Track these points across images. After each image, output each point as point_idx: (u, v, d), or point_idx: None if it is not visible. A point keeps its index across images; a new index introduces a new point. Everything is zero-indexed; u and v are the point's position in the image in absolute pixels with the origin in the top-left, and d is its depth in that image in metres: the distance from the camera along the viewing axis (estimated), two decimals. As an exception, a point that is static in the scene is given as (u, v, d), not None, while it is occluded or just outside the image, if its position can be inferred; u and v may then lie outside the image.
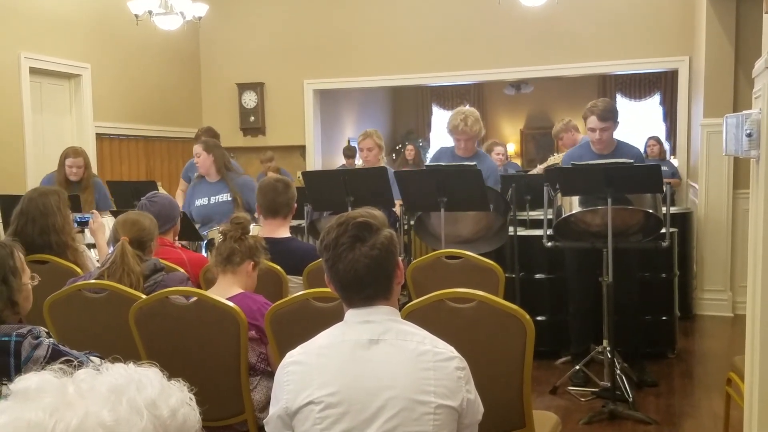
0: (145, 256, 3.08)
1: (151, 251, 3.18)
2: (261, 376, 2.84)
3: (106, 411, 0.90)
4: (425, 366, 1.76)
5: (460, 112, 4.92)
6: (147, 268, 3.01)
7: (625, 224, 4.26)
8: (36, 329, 2.02)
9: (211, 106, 9.13)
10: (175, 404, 0.97)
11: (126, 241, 3.00)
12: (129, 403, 0.93)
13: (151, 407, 0.94)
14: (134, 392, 0.94)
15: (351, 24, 8.54)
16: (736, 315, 6.23)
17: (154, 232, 3.23)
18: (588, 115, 4.52)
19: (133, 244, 3.03)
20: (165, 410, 0.95)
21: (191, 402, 1.01)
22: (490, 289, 3.15)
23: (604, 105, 4.53)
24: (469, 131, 4.82)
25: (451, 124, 4.90)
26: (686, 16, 7.34)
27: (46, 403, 0.90)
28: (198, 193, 5.19)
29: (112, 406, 0.91)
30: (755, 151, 2.56)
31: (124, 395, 0.93)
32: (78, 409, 0.90)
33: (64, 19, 6.88)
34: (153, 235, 3.20)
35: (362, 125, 11.62)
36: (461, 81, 10.00)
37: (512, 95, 13.51)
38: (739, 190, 6.21)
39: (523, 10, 6.96)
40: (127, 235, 3.04)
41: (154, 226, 3.23)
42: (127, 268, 2.94)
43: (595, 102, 4.62)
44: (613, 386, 4.12)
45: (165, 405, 0.96)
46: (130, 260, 2.96)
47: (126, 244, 2.99)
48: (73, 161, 5.53)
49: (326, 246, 1.85)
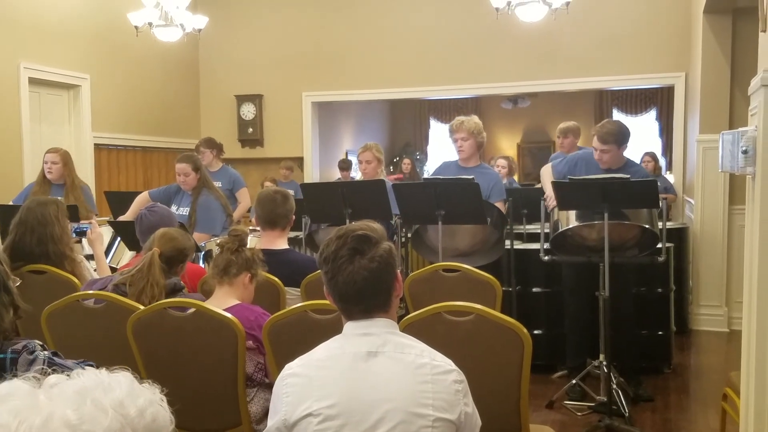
0: (170, 275, 3.09)
1: (178, 273, 3.18)
2: (258, 387, 2.84)
3: (70, 410, 0.92)
4: (423, 379, 1.76)
5: (459, 117, 4.99)
6: (167, 287, 3.02)
7: (621, 239, 4.28)
8: (31, 343, 2.00)
9: (210, 117, 9.16)
10: (143, 404, 0.98)
11: (157, 253, 3.01)
12: (93, 403, 0.94)
13: (118, 407, 0.95)
14: (100, 393, 0.96)
15: (349, 37, 8.58)
16: (731, 330, 6.24)
17: (190, 255, 3.24)
18: (593, 134, 4.58)
19: (163, 258, 3.04)
20: (132, 409, 0.97)
21: (162, 402, 1.03)
22: (488, 302, 3.15)
23: (608, 128, 4.52)
24: (464, 128, 4.84)
25: (450, 126, 4.97)
26: (682, 33, 7.39)
27: (12, 406, 0.92)
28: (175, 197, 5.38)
29: (76, 405, 0.93)
30: (751, 168, 2.58)
31: (89, 396, 0.95)
32: (43, 410, 0.92)
33: (64, 29, 6.90)
34: (186, 258, 3.21)
35: (360, 138, 11.65)
36: (459, 95, 10.05)
37: (509, 109, 13.56)
38: (735, 206, 6.24)
39: (521, 25, 7.00)
40: (160, 248, 3.05)
41: (191, 250, 3.24)
42: (153, 279, 2.95)
43: (604, 123, 4.67)
44: (610, 401, 4.12)
45: (132, 404, 0.97)
46: (157, 272, 2.97)
47: (156, 255, 3.01)
48: (49, 156, 5.50)
49: (325, 258, 1.85)
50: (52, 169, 5.49)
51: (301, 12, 8.74)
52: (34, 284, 3.61)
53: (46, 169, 5.49)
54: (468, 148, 4.89)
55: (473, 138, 4.86)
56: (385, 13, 8.48)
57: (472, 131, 4.85)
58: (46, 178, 5.50)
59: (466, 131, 4.84)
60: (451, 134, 4.94)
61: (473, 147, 4.90)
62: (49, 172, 5.49)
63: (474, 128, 4.85)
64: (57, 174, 5.49)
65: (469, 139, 4.86)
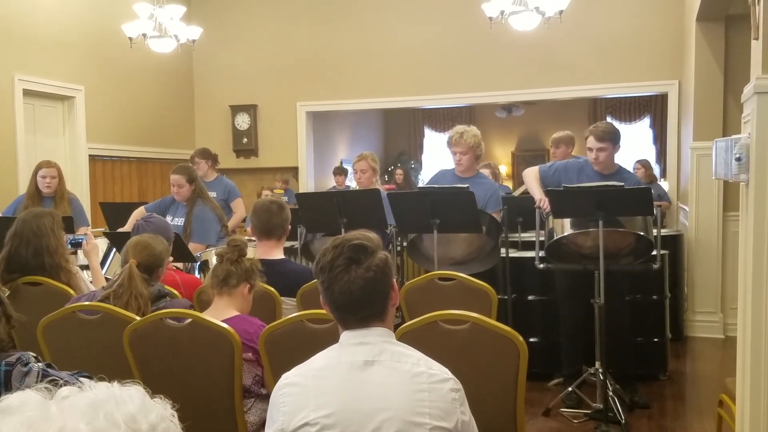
0: (152, 281, 3.08)
1: (159, 277, 3.17)
2: (255, 398, 2.84)
3: (83, 424, 0.92)
4: (420, 388, 1.76)
5: (458, 128, 4.99)
6: (152, 295, 3.01)
7: (616, 246, 4.29)
8: (25, 356, 2.00)
9: (205, 127, 9.17)
10: (155, 419, 0.98)
11: (134, 264, 3.01)
12: (106, 417, 0.94)
13: (130, 421, 0.95)
14: (113, 407, 0.96)
15: (344, 47, 8.61)
16: (726, 337, 6.25)
17: (166, 258, 3.22)
18: (587, 135, 4.60)
19: (141, 268, 3.03)
20: (144, 425, 0.96)
21: (173, 418, 1.02)
22: (483, 310, 3.16)
23: (603, 127, 4.61)
24: (464, 143, 4.86)
25: (449, 139, 4.97)
26: (676, 41, 7.43)
27: (25, 417, 0.92)
28: (170, 208, 5.38)
29: (89, 419, 0.93)
30: (745, 175, 2.59)
31: (101, 409, 0.95)
32: (55, 423, 0.91)
33: (58, 41, 6.91)
34: (163, 261, 3.19)
35: (355, 147, 11.68)
36: (453, 104, 10.07)
37: (504, 118, 13.60)
38: (729, 213, 6.25)
39: (515, 34, 7.03)
40: (136, 259, 3.04)
41: (165, 252, 3.22)
42: (135, 291, 2.94)
43: (597, 124, 4.72)
44: (606, 408, 4.12)
45: (144, 420, 0.97)
46: (138, 283, 2.96)
47: (134, 266, 2.99)
48: (47, 171, 5.47)
49: (322, 268, 1.86)
50: (51, 183, 5.48)
51: (295, 22, 8.77)
52: (31, 296, 3.61)
53: (44, 183, 5.45)
54: (466, 162, 4.93)
55: (472, 152, 4.91)
56: (379, 22, 8.51)
57: (471, 146, 4.88)
58: (38, 190, 5.47)
59: (466, 146, 4.88)
60: (450, 146, 4.96)
61: (471, 160, 4.94)
62: (48, 187, 5.47)
63: (473, 142, 4.88)
64: (54, 187, 5.49)
65: (467, 153, 4.90)
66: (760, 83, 2.51)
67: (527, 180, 4.87)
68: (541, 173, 4.82)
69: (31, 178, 5.54)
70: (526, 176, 4.90)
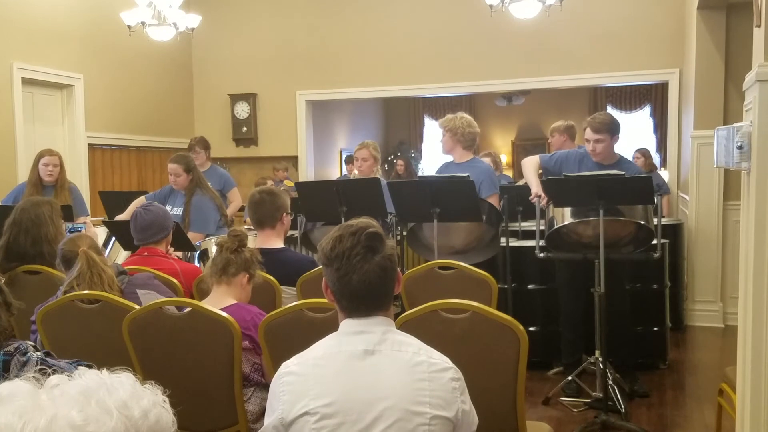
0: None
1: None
2: (255, 386, 2.84)
3: (75, 411, 0.92)
4: (420, 377, 1.76)
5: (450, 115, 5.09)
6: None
7: (616, 235, 4.28)
8: (23, 345, 2.00)
9: (204, 116, 9.14)
10: (146, 405, 0.98)
11: (85, 251, 3.03)
12: (98, 404, 0.94)
13: (122, 408, 0.95)
14: (104, 394, 0.96)
15: (344, 35, 8.57)
16: (726, 326, 6.26)
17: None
18: (585, 126, 4.60)
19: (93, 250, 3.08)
20: (136, 411, 0.96)
21: (165, 404, 1.03)
22: (484, 299, 3.16)
23: (600, 118, 4.59)
24: (450, 125, 4.96)
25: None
26: (676, 29, 7.40)
27: (16, 407, 0.92)
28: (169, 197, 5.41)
29: (80, 407, 0.93)
30: (746, 164, 2.58)
31: (93, 397, 0.95)
32: (47, 411, 0.91)
33: (57, 29, 6.88)
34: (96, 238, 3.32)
35: (355, 136, 11.65)
36: (453, 92, 10.05)
37: (504, 107, 13.55)
38: (730, 202, 6.25)
39: (515, 22, 7.01)
40: (85, 246, 3.07)
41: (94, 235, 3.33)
42: (97, 270, 2.97)
43: (595, 115, 4.71)
44: (606, 397, 4.12)
45: (136, 406, 0.97)
46: (98, 263, 3.00)
47: (88, 251, 3.02)
48: (49, 159, 5.46)
49: (338, 255, 1.81)
50: (53, 172, 5.47)
51: (294, 10, 8.73)
52: (29, 285, 3.61)
53: (46, 171, 5.45)
54: (445, 143, 5.06)
55: (450, 133, 4.99)
56: (378, 10, 8.46)
57: (450, 128, 4.98)
58: (41, 179, 5.46)
59: (443, 128, 5.03)
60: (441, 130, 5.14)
61: (451, 143, 5.02)
62: (50, 175, 5.46)
63: (451, 125, 4.99)
64: (56, 176, 5.49)
65: (445, 134, 5.02)
66: (763, 71, 2.49)
67: (525, 170, 4.85)
68: (542, 162, 4.81)
69: (33, 166, 5.53)
70: (525, 166, 4.88)
